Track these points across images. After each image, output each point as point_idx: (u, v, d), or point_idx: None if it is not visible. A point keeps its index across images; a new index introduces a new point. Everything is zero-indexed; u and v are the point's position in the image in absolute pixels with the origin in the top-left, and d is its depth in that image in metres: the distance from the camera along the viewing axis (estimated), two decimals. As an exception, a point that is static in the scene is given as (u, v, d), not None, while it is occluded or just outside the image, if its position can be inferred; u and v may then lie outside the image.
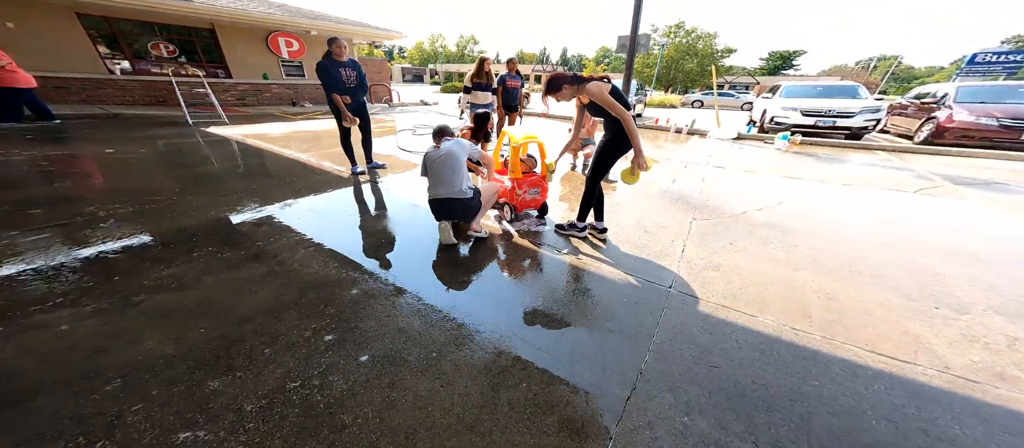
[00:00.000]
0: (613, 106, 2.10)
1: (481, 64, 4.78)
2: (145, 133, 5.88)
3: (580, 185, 4.18)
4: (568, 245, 2.62)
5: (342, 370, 1.43)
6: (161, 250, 2.23)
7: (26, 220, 2.55)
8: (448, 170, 2.33)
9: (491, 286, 2.06)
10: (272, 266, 2.11)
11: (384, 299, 1.88)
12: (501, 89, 5.06)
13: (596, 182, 2.51)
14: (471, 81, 4.85)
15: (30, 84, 5.71)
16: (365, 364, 1.47)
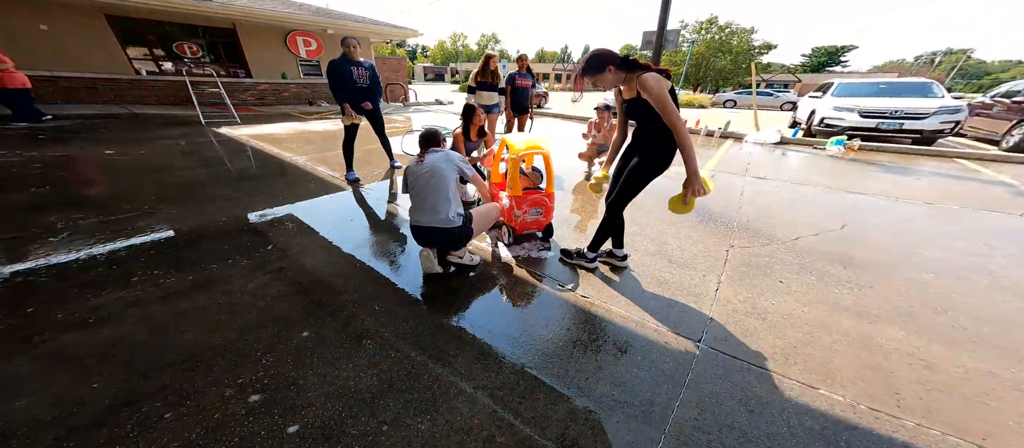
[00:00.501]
0: (670, 110, 1.60)
1: (486, 62, 4.43)
2: (154, 133, 5.95)
3: (595, 198, 3.75)
4: (574, 278, 2.20)
5: (260, 446, 1.10)
6: (98, 273, 2.00)
7: (-13, 230, 2.42)
8: (432, 192, 1.96)
9: (473, 334, 1.69)
10: (217, 296, 1.84)
11: (338, 346, 1.55)
12: (510, 89, 4.69)
13: (621, 208, 2.07)
14: (476, 80, 4.51)
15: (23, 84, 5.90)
16: (292, 438, 1.15)
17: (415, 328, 1.70)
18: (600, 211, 3.29)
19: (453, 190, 2.00)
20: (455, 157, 2.07)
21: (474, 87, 4.53)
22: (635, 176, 1.92)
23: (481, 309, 1.87)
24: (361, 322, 1.72)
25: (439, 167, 1.99)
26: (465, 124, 3.11)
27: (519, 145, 2.40)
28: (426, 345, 1.59)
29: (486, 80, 4.49)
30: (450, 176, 2.00)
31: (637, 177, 1.92)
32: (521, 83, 4.68)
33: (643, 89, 1.61)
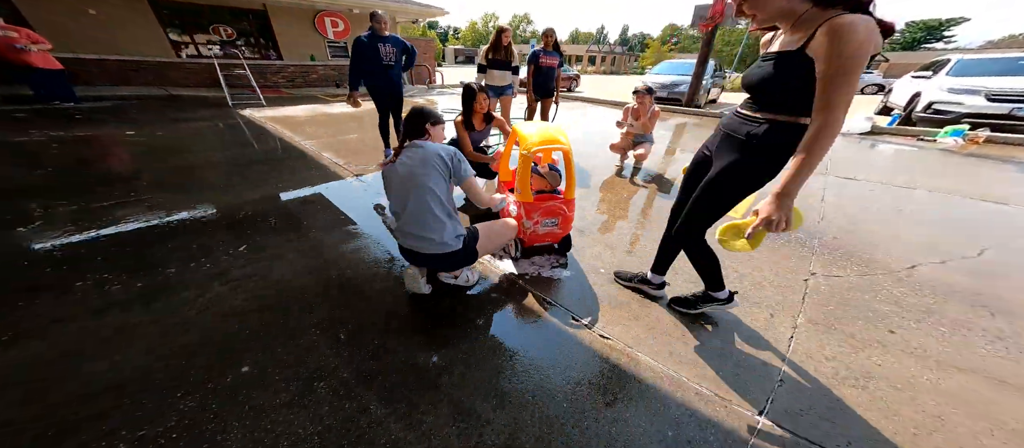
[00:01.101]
0: (851, 86, 0.89)
1: (498, 37, 3.94)
2: (181, 115, 6.13)
3: (626, 192, 3.22)
4: (593, 307, 1.77)
5: None
6: (44, 274, 1.85)
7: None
8: (415, 205, 1.50)
9: (453, 381, 1.33)
10: (161, 310, 1.61)
11: (282, 389, 1.25)
12: (532, 68, 4.18)
13: (698, 237, 1.48)
14: (486, 57, 4.04)
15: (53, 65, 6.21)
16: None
17: (383, 367, 1.37)
18: (632, 214, 2.89)
19: (446, 201, 1.55)
20: (444, 153, 1.55)
21: (484, 65, 4.07)
22: (734, 181, 1.26)
23: (468, 347, 1.49)
24: (319, 355, 1.41)
25: (417, 173, 1.49)
26: (465, 110, 2.69)
27: (533, 136, 1.96)
28: (392, 393, 1.26)
29: (499, 57, 4.00)
30: (436, 183, 1.51)
31: (737, 183, 1.26)
32: (546, 62, 4.14)
33: (834, 37, 0.87)
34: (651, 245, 2.27)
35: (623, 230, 2.58)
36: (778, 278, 2.03)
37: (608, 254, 2.24)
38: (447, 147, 1.58)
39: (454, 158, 1.57)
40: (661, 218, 2.78)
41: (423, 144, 1.56)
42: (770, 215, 1.02)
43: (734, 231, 1.16)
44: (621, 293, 1.89)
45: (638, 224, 2.69)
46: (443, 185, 1.54)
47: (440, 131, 1.69)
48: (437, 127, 1.66)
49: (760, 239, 1.10)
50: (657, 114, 3.69)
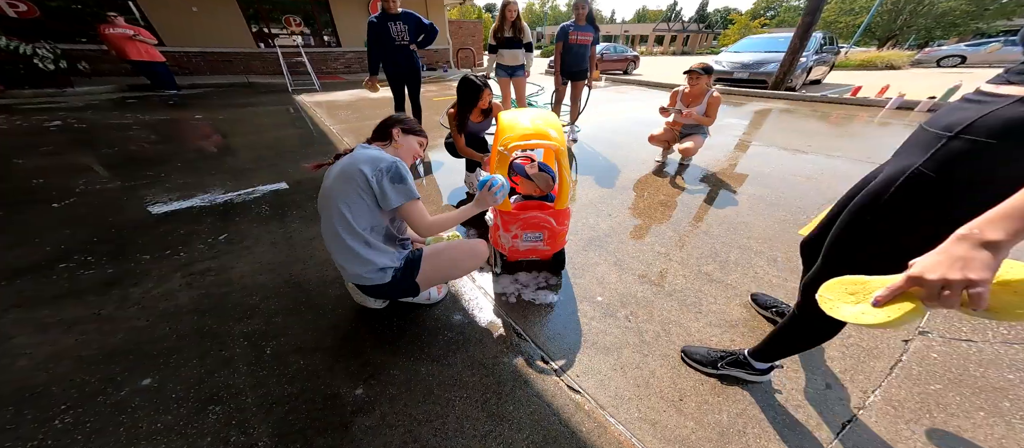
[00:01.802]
0: None
1: (503, 12, 3.51)
2: (247, 100, 6.68)
3: (662, 195, 2.68)
4: (571, 350, 1.39)
5: None
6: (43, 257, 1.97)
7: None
8: (325, 224, 1.25)
9: (368, 433, 1.09)
10: (105, 305, 1.59)
11: (171, 409, 1.12)
12: (560, 46, 3.69)
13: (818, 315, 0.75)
14: (494, 37, 3.65)
15: (156, 58, 7.07)
16: None
17: (296, 394, 1.18)
18: (663, 224, 2.30)
19: (361, 228, 1.21)
20: (369, 167, 1.17)
21: (494, 45, 3.68)
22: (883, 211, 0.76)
23: (405, 380, 1.25)
24: (231, 372, 1.26)
25: (332, 189, 1.21)
26: (460, 103, 2.36)
27: (513, 129, 1.59)
28: (290, 428, 1.07)
29: (507, 35, 3.58)
30: (349, 205, 1.18)
31: (900, 221, 0.75)
32: (578, 38, 3.60)
33: None
34: (679, 268, 1.81)
35: (645, 245, 2.10)
36: (859, 331, 1.45)
37: (614, 277, 1.82)
38: (383, 160, 1.20)
39: (382, 176, 1.17)
40: (702, 232, 2.24)
41: (360, 152, 1.24)
42: (938, 274, 0.50)
43: (850, 288, 0.64)
44: (613, 330, 1.48)
45: (668, 238, 2.19)
46: (362, 207, 1.20)
47: (412, 143, 1.40)
48: (408, 137, 1.38)
49: (904, 315, 0.54)
50: (717, 101, 3.00)
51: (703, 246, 2.08)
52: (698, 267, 1.89)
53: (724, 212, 2.48)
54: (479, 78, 2.32)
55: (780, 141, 4.16)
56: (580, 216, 2.42)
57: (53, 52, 6.65)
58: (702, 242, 2.12)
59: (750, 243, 2.12)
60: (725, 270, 1.87)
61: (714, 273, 1.85)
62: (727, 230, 2.25)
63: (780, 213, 2.46)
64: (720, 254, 2.01)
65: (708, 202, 2.65)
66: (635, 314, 1.58)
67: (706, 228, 2.28)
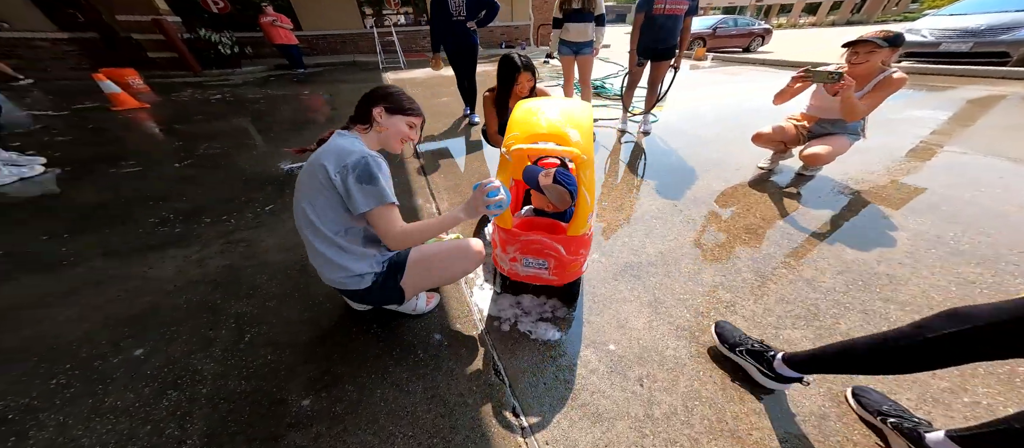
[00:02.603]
0: None
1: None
2: (343, 77, 7.44)
3: (758, 215, 2.05)
4: (561, 398, 1.10)
5: None
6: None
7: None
8: (297, 221, 1.14)
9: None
10: (159, 264, 1.81)
11: (131, 389, 1.19)
12: (641, 19, 3.02)
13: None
14: (560, 8, 3.16)
15: (291, 41, 8.18)
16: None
17: (248, 392, 1.16)
18: (771, 258, 1.67)
19: (329, 231, 1.08)
20: (333, 164, 1.02)
21: (559, 18, 3.21)
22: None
23: (355, 400, 1.13)
24: (203, 356, 1.30)
25: (301, 184, 1.10)
26: (500, 86, 2.09)
27: (526, 120, 1.29)
28: (225, 430, 1.03)
29: (575, 7, 3.08)
30: (312, 204, 1.06)
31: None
32: (667, 8, 2.86)
33: None
34: (742, 327, 1.34)
35: (701, 286, 1.63)
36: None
37: (642, 321, 1.43)
38: (350, 154, 1.02)
39: (346, 174, 1.00)
40: (804, 280, 1.66)
41: (331, 141, 1.08)
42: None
43: None
44: (615, 393, 1.15)
45: (742, 281, 1.66)
46: (329, 208, 1.06)
47: (399, 125, 1.14)
48: (394, 118, 1.13)
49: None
50: (897, 83, 2.01)
51: (798, 301, 1.51)
52: (776, 331, 1.37)
53: (854, 254, 1.75)
54: (521, 58, 2.03)
55: (1001, 146, 2.86)
56: (621, 232, 2.00)
57: (231, 40, 8.32)
58: (798, 295, 1.54)
59: (890, 310, 1.44)
60: (821, 341, 1.32)
61: (801, 344, 1.31)
62: (852, 283, 1.58)
63: (966, 266, 1.64)
64: (824, 318, 1.43)
65: (830, 234, 1.92)
66: (652, 378, 1.20)
67: (813, 275, 1.65)
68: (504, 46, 12.85)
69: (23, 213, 2.32)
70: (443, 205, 2.29)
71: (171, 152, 3.33)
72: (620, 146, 3.29)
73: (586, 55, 3.34)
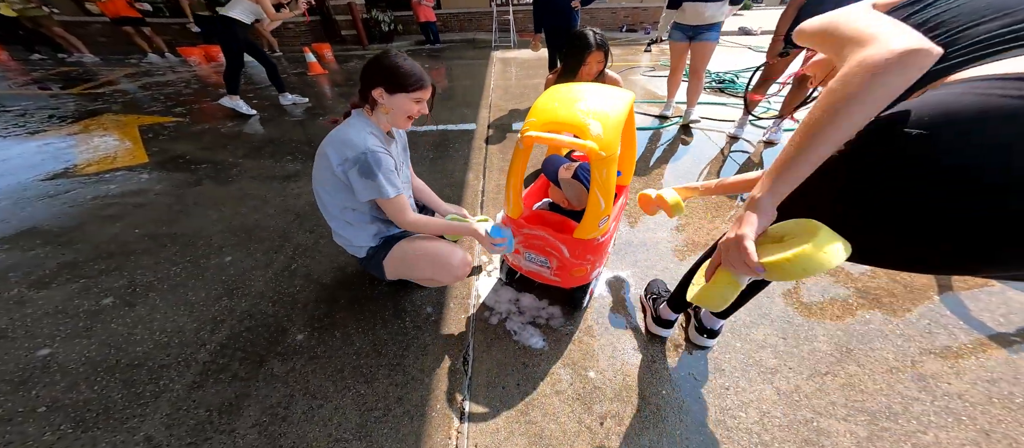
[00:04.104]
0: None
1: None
2: (456, 54, 7.72)
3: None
4: (508, 399, 1.03)
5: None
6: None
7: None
8: (316, 193, 1.20)
9: (269, 379, 1.18)
10: (273, 194, 2.24)
11: (177, 291, 1.52)
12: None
13: None
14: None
15: (431, 18, 8.84)
16: None
17: (268, 314, 1.38)
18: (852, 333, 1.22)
19: (338, 206, 1.15)
20: (336, 156, 1.04)
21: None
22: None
23: (335, 348, 1.26)
24: (261, 275, 1.58)
25: (316, 165, 1.13)
26: (567, 64, 1.83)
27: (545, 107, 1.11)
28: (232, 347, 1.26)
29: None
30: (326, 186, 1.12)
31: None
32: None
33: None
34: (771, 404, 1.04)
35: (753, 337, 1.27)
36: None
37: (638, 359, 1.18)
38: (351, 146, 1.02)
39: (348, 167, 1.03)
40: (886, 373, 1.16)
41: (340, 130, 1.07)
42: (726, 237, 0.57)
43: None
44: (570, 423, 1.00)
45: (818, 354, 1.24)
46: (332, 189, 1.12)
47: (403, 103, 1.05)
48: (397, 97, 1.04)
49: (720, 286, 0.61)
50: None
51: (881, 395, 1.05)
52: (814, 421, 0.98)
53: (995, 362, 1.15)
54: (597, 36, 1.76)
55: None
56: (675, 256, 1.65)
57: (390, 18, 9.61)
58: (891, 388, 1.08)
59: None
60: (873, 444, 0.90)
61: (840, 441, 0.92)
62: (997, 396, 1.06)
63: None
64: (903, 421, 0.97)
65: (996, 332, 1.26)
66: (619, 419, 1.01)
67: (937, 371, 1.14)
68: (625, 29, 11.45)
69: (233, 141, 3.16)
70: (491, 184, 2.26)
71: (323, 110, 4.05)
72: (726, 156, 2.63)
73: (706, 41, 2.69)
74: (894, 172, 0.48)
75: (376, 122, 1.11)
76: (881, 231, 0.52)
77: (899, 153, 0.47)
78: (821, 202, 0.58)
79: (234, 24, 3.14)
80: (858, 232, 0.52)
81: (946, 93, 0.46)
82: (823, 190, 0.57)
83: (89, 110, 3.93)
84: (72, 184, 2.38)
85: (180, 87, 4.96)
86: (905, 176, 0.47)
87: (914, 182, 0.46)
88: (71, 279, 1.56)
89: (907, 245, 0.52)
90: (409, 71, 1.03)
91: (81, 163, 2.68)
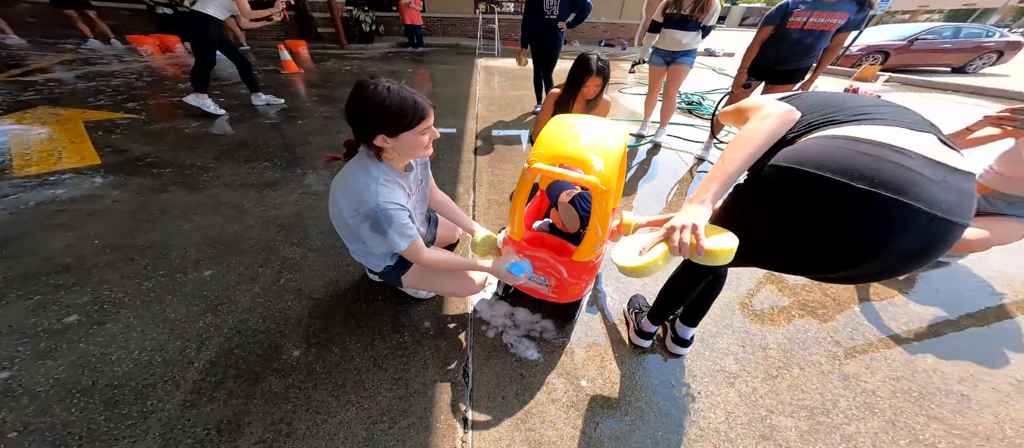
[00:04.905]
0: None
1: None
2: (438, 60, 7.77)
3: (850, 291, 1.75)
4: (509, 416, 1.09)
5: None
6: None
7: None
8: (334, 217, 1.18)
9: (270, 398, 1.17)
10: (251, 202, 2.15)
11: (188, 301, 1.46)
12: (768, 31, 2.41)
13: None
14: (664, 12, 2.75)
15: (417, 22, 8.81)
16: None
17: (259, 331, 1.36)
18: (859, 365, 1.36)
19: (357, 237, 1.13)
20: (353, 218, 1.00)
21: (659, 23, 2.83)
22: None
23: (334, 364, 1.26)
24: (245, 289, 1.54)
25: (333, 197, 1.08)
26: (569, 84, 1.98)
27: (553, 140, 1.20)
28: (224, 364, 1.23)
29: (680, 13, 2.68)
30: (340, 222, 1.13)
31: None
32: (810, 22, 2.25)
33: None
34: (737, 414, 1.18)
35: (718, 346, 1.44)
36: None
37: (626, 368, 1.30)
38: (363, 201, 0.97)
39: (360, 222, 0.99)
40: (837, 370, 1.37)
41: (353, 178, 1.00)
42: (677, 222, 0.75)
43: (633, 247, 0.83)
44: (566, 429, 1.08)
45: (770, 359, 1.44)
46: (354, 234, 1.10)
47: (412, 141, 0.96)
48: (402, 138, 0.94)
49: (657, 259, 0.75)
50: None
51: (816, 392, 1.26)
52: (767, 414, 1.16)
53: (931, 364, 1.41)
54: (598, 60, 1.90)
55: None
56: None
57: (371, 18, 9.40)
58: (822, 387, 1.30)
59: (930, 429, 1.17)
60: (816, 436, 1.08)
61: (786, 434, 1.10)
62: (901, 391, 1.30)
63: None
64: (834, 415, 1.18)
65: (917, 338, 1.53)
66: (609, 425, 1.10)
67: (857, 371, 1.38)
68: (603, 43, 12.19)
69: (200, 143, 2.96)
70: (481, 198, 2.33)
71: (299, 111, 3.89)
72: (693, 177, 2.84)
73: (682, 65, 2.96)
74: (778, 191, 0.71)
75: (389, 161, 1.04)
76: (769, 235, 0.76)
77: (782, 180, 0.70)
78: (733, 213, 0.85)
79: (207, 20, 2.99)
80: (755, 236, 0.77)
81: (802, 145, 0.70)
82: (733, 207, 0.85)
83: (19, 100, 3.50)
84: (9, 187, 2.13)
85: (130, 79, 4.55)
86: (782, 192, 0.70)
87: (788, 196, 0.69)
88: (23, 295, 1.42)
89: (786, 248, 0.75)
90: (402, 106, 0.90)
91: (17, 163, 2.40)
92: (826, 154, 0.63)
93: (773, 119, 0.75)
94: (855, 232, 0.62)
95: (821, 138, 0.68)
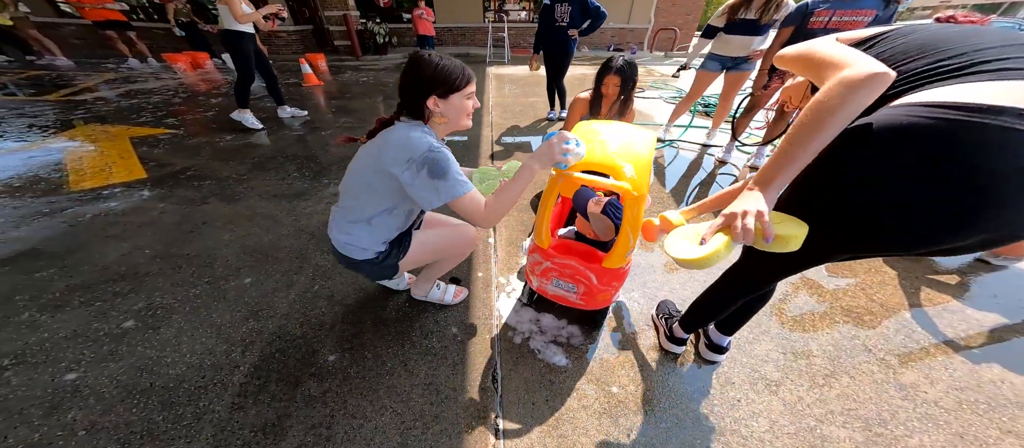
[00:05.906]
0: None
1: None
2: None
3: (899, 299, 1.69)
4: (539, 424, 1.11)
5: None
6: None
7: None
8: (349, 195, 1.14)
9: (310, 402, 1.23)
10: (283, 212, 2.26)
11: (234, 306, 1.55)
12: (789, 33, 2.32)
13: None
14: (727, 15, 2.61)
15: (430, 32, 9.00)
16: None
17: (297, 336, 1.43)
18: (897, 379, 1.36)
19: (371, 211, 1.11)
20: (402, 155, 0.98)
21: (716, 27, 2.73)
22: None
23: (368, 368, 1.31)
24: (283, 295, 1.62)
25: (353, 172, 1.11)
26: (596, 86, 1.99)
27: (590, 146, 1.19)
28: (265, 368, 1.30)
29: (739, 17, 2.55)
30: (376, 182, 1.05)
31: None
32: (833, 20, 2.16)
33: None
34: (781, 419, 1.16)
35: (755, 352, 1.40)
36: None
37: (659, 374, 1.29)
38: (415, 147, 0.97)
39: (415, 172, 0.97)
40: (892, 379, 1.31)
41: (398, 133, 1.01)
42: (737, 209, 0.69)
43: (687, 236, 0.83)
44: (598, 435, 1.08)
45: (815, 366, 1.39)
46: (378, 193, 1.07)
47: (458, 102, 1.02)
48: (451, 99, 1.01)
49: (719, 249, 0.70)
50: None
51: (870, 402, 1.21)
52: (817, 428, 1.12)
53: (997, 374, 1.35)
54: (620, 60, 1.91)
55: None
56: (675, 277, 1.79)
57: (385, 30, 9.72)
58: (877, 396, 1.24)
59: (1004, 443, 1.09)
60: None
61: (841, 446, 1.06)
62: (968, 403, 1.23)
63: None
64: (892, 427, 1.12)
65: (979, 345, 1.46)
66: (644, 432, 1.10)
67: (915, 380, 1.31)
68: (612, 48, 12.07)
69: (234, 156, 3.16)
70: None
71: (321, 122, 4.07)
72: (715, 178, 2.83)
73: (742, 71, 2.86)
74: (864, 165, 0.62)
75: (435, 130, 1.07)
76: (843, 222, 0.68)
77: (872, 150, 0.61)
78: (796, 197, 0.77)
79: (240, 36, 3.17)
80: (824, 223, 0.69)
81: (893, 112, 0.59)
82: (802, 188, 0.75)
83: (71, 119, 3.82)
84: (68, 201, 2.33)
85: (168, 96, 4.88)
86: (874, 167, 0.61)
87: (881, 171, 0.60)
88: (85, 302, 1.55)
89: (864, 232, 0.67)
90: (453, 69, 0.99)
91: (73, 178, 2.62)
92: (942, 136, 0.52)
93: (863, 89, 0.57)
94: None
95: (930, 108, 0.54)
